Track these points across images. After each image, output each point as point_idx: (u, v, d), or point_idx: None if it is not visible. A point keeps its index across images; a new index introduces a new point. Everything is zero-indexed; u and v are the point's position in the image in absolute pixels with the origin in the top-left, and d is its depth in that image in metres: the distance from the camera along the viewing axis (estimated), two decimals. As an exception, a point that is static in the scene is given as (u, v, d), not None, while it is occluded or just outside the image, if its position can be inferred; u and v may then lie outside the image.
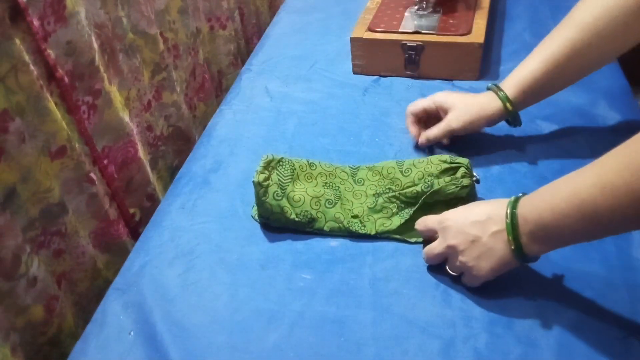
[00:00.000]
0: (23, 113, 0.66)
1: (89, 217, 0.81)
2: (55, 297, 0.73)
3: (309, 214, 0.71)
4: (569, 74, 0.70)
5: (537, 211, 0.53)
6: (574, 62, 0.68)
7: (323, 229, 0.71)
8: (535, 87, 0.71)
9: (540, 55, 0.70)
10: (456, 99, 0.77)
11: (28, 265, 0.67)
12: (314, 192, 0.73)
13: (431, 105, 0.78)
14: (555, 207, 0.51)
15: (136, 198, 0.93)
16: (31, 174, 0.68)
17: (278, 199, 0.70)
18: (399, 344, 0.58)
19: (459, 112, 0.75)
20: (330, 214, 0.71)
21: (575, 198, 0.49)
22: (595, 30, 0.65)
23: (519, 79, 0.72)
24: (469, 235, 0.57)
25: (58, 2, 0.70)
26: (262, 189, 0.70)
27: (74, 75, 0.75)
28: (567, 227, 0.51)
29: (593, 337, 0.57)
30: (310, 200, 0.71)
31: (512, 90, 0.72)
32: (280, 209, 0.70)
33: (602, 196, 0.46)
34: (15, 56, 0.63)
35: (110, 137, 0.84)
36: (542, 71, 0.70)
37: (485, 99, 0.75)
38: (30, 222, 0.69)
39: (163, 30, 0.99)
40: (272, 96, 0.99)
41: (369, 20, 1.01)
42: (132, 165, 0.90)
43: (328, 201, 0.72)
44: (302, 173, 0.75)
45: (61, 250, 0.76)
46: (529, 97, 0.73)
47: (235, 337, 0.61)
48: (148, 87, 0.97)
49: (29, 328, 0.69)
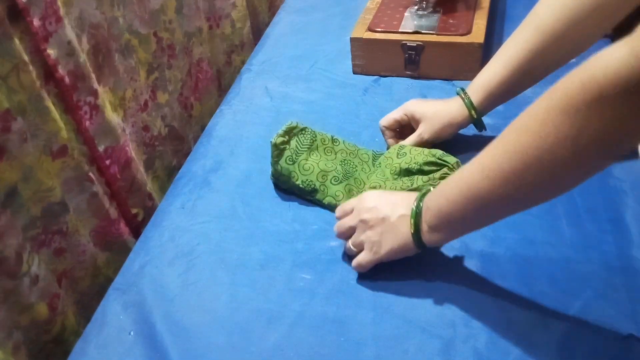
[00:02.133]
0: (25, 112, 0.66)
1: (89, 216, 0.81)
2: (57, 295, 0.73)
3: (312, 184, 0.75)
4: (531, 76, 0.72)
5: (437, 201, 0.57)
6: (534, 64, 0.69)
7: (322, 202, 0.75)
8: (498, 91, 0.73)
9: (503, 59, 0.72)
10: (426, 109, 0.78)
11: (29, 264, 0.67)
12: (325, 166, 0.76)
13: (403, 117, 0.80)
14: (449, 195, 0.55)
15: (139, 198, 0.93)
16: (32, 173, 0.68)
17: (289, 164, 0.75)
18: (399, 344, 0.58)
19: (430, 122, 0.77)
20: (332, 190, 0.75)
21: (464, 185, 0.53)
22: (554, 32, 0.66)
23: (484, 83, 0.74)
24: (381, 212, 0.62)
25: (55, 2, 0.69)
26: (277, 151, 0.75)
27: (75, 76, 0.74)
28: (459, 214, 0.55)
29: (593, 337, 0.57)
30: (318, 173, 0.75)
31: (477, 95, 0.75)
32: (289, 172, 0.75)
33: (483, 180, 0.51)
34: (17, 56, 0.63)
35: (112, 137, 0.84)
36: (505, 75, 0.71)
37: (454, 107, 0.76)
38: (31, 221, 0.69)
39: (158, 30, 0.99)
40: (272, 96, 0.99)
41: (369, 20, 1.01)
42: (133, 165, 0.90)
43: (334, 178, 0.76)
44: (323, 146, 0.79)
45: (62, 249, 0.76)
46: (493, 101, 0.75)
47: (235, 337, 0.61)
48: (144, 87, 0.97)
49: (34, 326, 0.69)
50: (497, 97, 0.74)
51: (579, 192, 0.71)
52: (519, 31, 0.71)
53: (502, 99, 0.75)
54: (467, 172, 0.53)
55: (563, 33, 0.66)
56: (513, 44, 0.71)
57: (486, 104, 0.75)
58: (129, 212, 0.90)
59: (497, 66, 0.72)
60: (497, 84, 0.73)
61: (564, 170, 0.46)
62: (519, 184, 0.48)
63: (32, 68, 0.66)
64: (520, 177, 0.48)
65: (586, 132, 0.42)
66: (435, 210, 0.57)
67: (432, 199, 0.58)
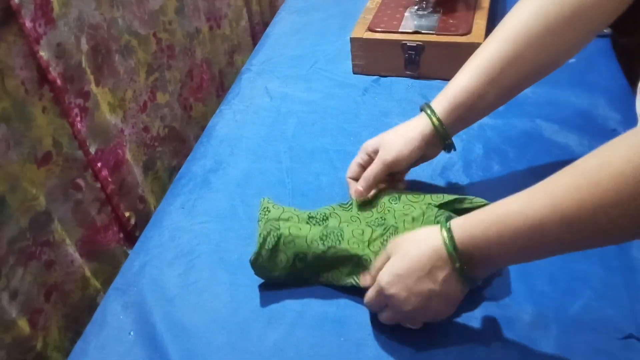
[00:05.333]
0: (9, 119, 0.65)
1: (74, 225, 0.80)
2: (39, 310, 0.71)
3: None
4: (501, 88, 0.64)
5: (479, 239, 0.50)
6: (506, 75, 0.62)
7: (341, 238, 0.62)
8: (466, 101, 0.64)
9: (472, 70, 0.64)
10: (384, 136, 0.69)
11: (9, 278, 0.65)
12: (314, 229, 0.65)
13: (364, 157, 0.71)
14: (503, 230, 0.48)
15: (129, 201, 0.93)
16: (19, 182, 0.66)
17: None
18: (399, 344, 0.58)
19: (390, 143, 0.67)
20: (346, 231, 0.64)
21: (527, 220, 0.46)
22: (529, 40, 0.61)
23: (448, 93, 0.65)
24: (424, 292, 0.52)
25: (46, 4, 0.69)
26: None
27: (64, 78, 0.74)
28: (511, 250, 0.48)
29: (593, 337, 0.57)
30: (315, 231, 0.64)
31: (441, 104, 0.65)
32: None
33: (552, 217, 0.45)
34: (2, 61, 0.63)
35: (102, 139, 0.84)
36: (474, 85, 0.63)
37: (415, 121, 0.68)
38: (20, 233, 0.68)
39: (157, 31, 0.99)
40: (272, 96, 0.99)
41: (369, 20, 1.01)
42: (123, 167, 0.90)
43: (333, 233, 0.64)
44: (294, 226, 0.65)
45: (52, 261, 0.74)
46: (460, 113, 0.65)
47: (235, 337, 0.61)
48: (144, 88, 0.97)
49: (16, 344, 0.67)
50: (465, 108, 0.65)
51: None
52: (490, 40, 0.64)
53: (471, 112, 0.66)
54: (529, 205, 0.47)
55: (539, 41, 0.60)
56: (484, 53, 0.64)
57: (452, 115, 0.65)
58: (122, 215, 0.90)
59: (465, 76, 0.65)
60: (464, 95, 0.64)
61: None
62: (597, 234, 0.44)
63: (18, 73, 0.65)
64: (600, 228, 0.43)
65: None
66: (481, 250, 0.50)
67: (470, 239, 0.50)
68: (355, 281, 0.62)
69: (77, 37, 0.76)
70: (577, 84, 0.72)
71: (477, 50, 0.66)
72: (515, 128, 0.80)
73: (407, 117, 0.70)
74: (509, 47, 0.62)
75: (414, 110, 0.86)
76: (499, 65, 0.62)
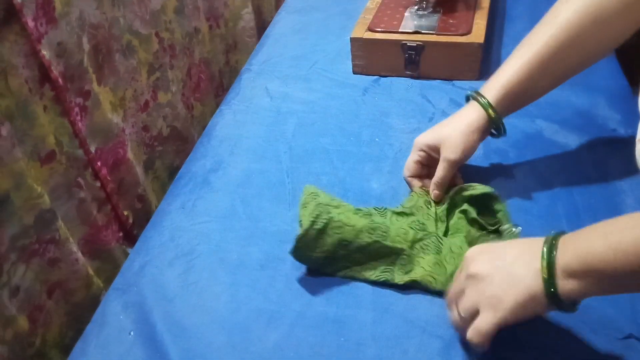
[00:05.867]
0: (12, 118, 0.65)
1: (78, 224, 0.80)
2: (39, 307, 0.71)
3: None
4: (552, 76, 0.66)
5: (581, 242, 0.47)
6: (558, 61, 0.64)
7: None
8: (517, 89, 0.65)
9: (523, 56, 0.65)
10: (441, 132, 0.69)
11: (10, 275, 0.66)
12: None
13: (421, 154, 0.71)
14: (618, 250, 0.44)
15: (128, 200, 0.93)
16: (23, 180, 0.67)
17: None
18: (399, 344, 0.58)
19: (451, 140, 0.67)
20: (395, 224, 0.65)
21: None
22: (580, 29, 0.62)
23: (501, 80, 0.66)
24: (493, 259, 0.51)
25: (48, 3, 0.69)
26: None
27: (65, 77, 0.74)
28: (613, 264, 0.44)
29: (593, 337, 0.57)
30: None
31: (493, 93, 0.66)
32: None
33: None
34: (5, 59, 0.63)
35: (101, 138, 0.84)
36: (526, 72, 0.65)
37: (469, 111, 0.68)
38: (24, 230, 0.68)
39: (159, 30, 0.99)
40: (272, 96, 0.99)
41: (369, 20, 1.01)
42: (122, 166, 0.90)
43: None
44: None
45: (57, 259, 0.74)
46: (512, 100, 0.67)
47: (235, 337, 0.61)
48: (145, 87, 0.97)
49: (17, 340, 0.68)
50: (517, 95, 0.66)
51: (579, 192, 0.71)
52: (539, 27, 0.65)
53: (522, 99, 0.68)
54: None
55: (590, 30, 0.62)
56: (534, 39, 0.65)
57: (504, 104, 0.66)
58: (122, 214, 0.90)
59: (517, 62, 0.65)
60: (516, 82, 0.65)
61: None
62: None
63: (21, 71, 0.65)
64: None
65: None
66: (577, 251, 0.46)
67: (571, 239, 0.47)
68: (389, 277, 0.63)
69: (78, 37, 0.76)
70: (577, 84, 0.73)
71: (525, 39, 0.66)
72: (515, 128, 0.80)
73: (407, 117, 0.70)
74: (563, 34, 0.63)
75: (414, 110, 0.86)
76: (552, 52, 0.63)
